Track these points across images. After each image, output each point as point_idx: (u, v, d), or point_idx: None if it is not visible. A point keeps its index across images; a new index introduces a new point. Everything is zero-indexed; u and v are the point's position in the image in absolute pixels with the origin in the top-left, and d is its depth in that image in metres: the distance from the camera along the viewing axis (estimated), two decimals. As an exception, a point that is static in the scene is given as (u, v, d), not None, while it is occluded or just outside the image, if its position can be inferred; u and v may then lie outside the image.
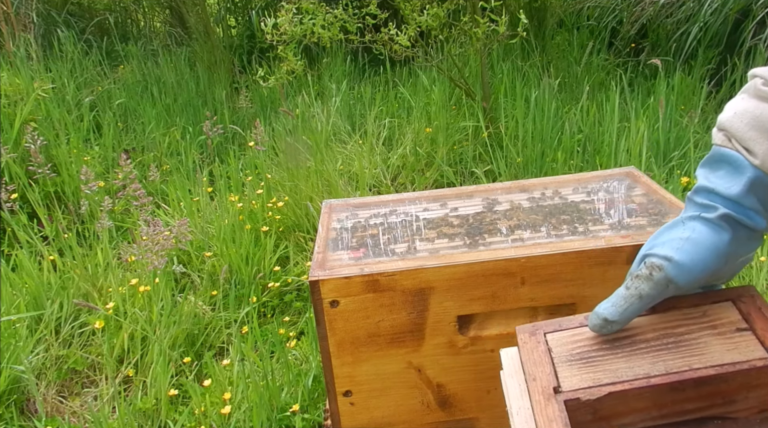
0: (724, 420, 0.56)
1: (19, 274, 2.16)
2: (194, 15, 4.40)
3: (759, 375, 0.53)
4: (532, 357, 0.59)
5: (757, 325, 0.56)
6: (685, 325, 0.58)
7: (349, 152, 2.96)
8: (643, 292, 0.58)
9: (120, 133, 3.36)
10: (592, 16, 4.14)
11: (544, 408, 0.54)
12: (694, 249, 0.58)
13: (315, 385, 1.71)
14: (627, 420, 0.56)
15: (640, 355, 0.57)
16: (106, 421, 1.63)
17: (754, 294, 0.60)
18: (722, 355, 0.55)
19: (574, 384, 0.56)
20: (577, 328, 0.62)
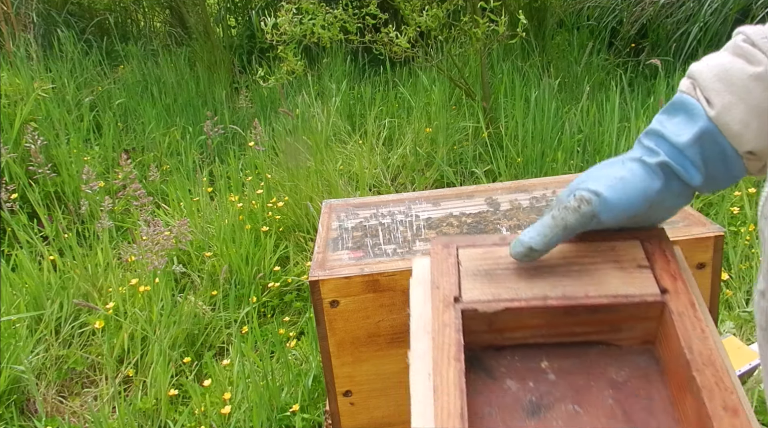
0: (608, 346, 0.59)
1: (19, 274, 2.16)
2: (194, 15, 4.41)
3: (648, 310, 0.56)
4: (440, 268, 0.61)
5: (657, 265, 0.59)
6: (591, 256, 0.60)
7: (349, 152, 2.96)
8: (568, 223, 0.58)
9: (120, 133, 3.36)
10: (592, 16, 4.14)
11: (441, 314, 0.56)
12: (624, 189, 0.58)
13: (315, 385, 1.71)
14: (518, 334, 0.58)
15: (542, 278, 0.59)
16: (106, 421, 1.63)
17: (661, 237, 0.62)
18: (618, 288, 0.57)
19: (474, 296, 0.58)
20: (489, 246, 0.63)
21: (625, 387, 0.56)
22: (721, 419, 0.46)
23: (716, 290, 0.87)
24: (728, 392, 0.48)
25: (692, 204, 2.37)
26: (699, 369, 0.50)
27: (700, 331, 0.53)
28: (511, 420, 0.54)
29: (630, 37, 3.86)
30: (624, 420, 0.53)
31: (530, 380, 0.57)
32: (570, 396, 0.55)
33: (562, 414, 0.54)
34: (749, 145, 0.58)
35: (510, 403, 0.55)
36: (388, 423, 0.94)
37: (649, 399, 0.54)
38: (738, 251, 2.08)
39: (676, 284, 0.57)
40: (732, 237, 2.18)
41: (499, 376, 0.58)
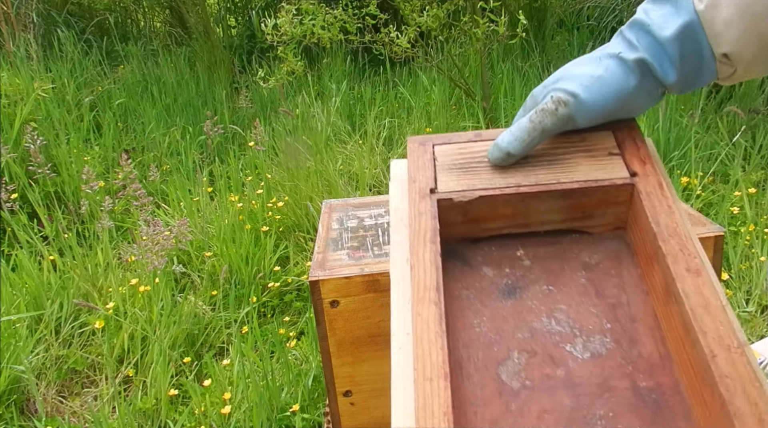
0: (581, 233, 0.61)
1: (19, 274, 2.16)
2: (194, 15, 4.40)
3: (618, 193, 0.58)
4: (416, 164, 0.62)
5: (627, 151, 0.61)
6: (563, 147, 0.62)
7: (349, 152, 2.96)
8: (546, 127, 0.58)
9: (120, 133, 3.36)
10: (592, 16, 4.14)
11: (418, 204, 0.58)
12: (600, 89, 0.58)
13: (315, 385, 1.71)
14: (494, 224, 0.60)
15: (515, 169, 0.60)
16: (106, 421, 1.63)
17: (632, 126, 0.63)
18: (589, 173, 0.59)
19: (450, 187, 0.60)
20: (465, 143, 0.65)
21: (597, 268, 0.58)
22: (684, 279, 0.49)
23: (716, 290, 0.87)
24: (691, 256, 0.51)
25: (692, 204, 2.36)
26: (665, 240, 0.52)
27: (666, 207, 0.55)
28: (487, 300, 0.56)
29: (630, 37, 3.86)
30: (596, 295, 0.56)
31: (506, 266, 0.59)
32: (544, 278, 0.57)
33: (536, 294, 0.56)
34: (727, 47, 0.56)
35: (486, 286, 0.57)
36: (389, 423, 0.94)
37: (620, 277, 0.57)
38: (738, 251, 2.08)
39: (645, 167, 0.59)
40: (732, 237, 2.18)
41: (475, 264, 0.59)
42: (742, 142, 2.67)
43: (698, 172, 2.46)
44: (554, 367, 0.51)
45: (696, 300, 0.48)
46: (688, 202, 2.31)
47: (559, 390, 0.50)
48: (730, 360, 0.45)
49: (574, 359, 0.51)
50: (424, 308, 0.50)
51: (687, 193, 2.40)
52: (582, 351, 0.52)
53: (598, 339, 0.53)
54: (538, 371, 0.51)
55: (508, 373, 0.51)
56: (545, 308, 0.55)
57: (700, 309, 0.48)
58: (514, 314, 0.55)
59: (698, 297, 0.49)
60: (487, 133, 0.65)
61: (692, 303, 0.48)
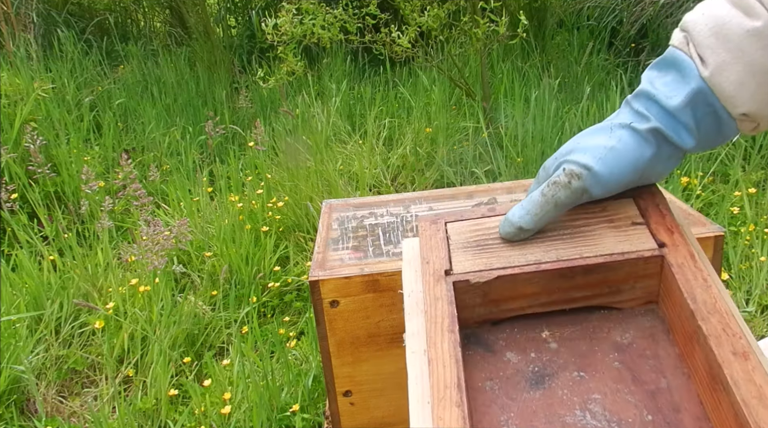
0: (610, 310, 0.57)
1: (19, 274, 2.16)
2: (194, 15, 4.40)
3: (646, 266, 0.54)
4: (429, 244, 0.59)
5: (652, 219, 0.57)
6: (583, 219, 0.58)
7: (349, 152, 2.96)
8: (559, 201, 0.56)
9: (120, 133, 3.36)
10: (592, 16, 4.14)
11: (433, 288, 0.55)
12: (615, 161, 0.55)
13: (315, 385, 1.71)
14: (516, 304, 0.56)
15: (534, 244, 0.57)
16: (106, 421, 1.63)
17: (654, 191, 0.59)
18: (613, 246, 0.55)
19: (465, 267, 0.56)
20: (478, 219, 0.62)
21: (631, 349, 0.53)
22: (731, 364, 0.45)
23: (716, 290, 0.87)
24: (737, 337, 0.46)
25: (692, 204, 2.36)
26: (704, 318, 0.48)
27: (702, 280, 0.51)
28: (514, 392, 0.51)
29: (630, 37, 3.86)
30: (632, 381, 0.51)
31: (531, 350, 0.55)
32: (574, 363, 0.53)
33: (567, 382, 0.51)
34: (743, 108, 0.54)
35: (512, 375, 0.53)
36: (388, 423, 0.94)
37: (657, 358, 0.52)
38: (738, 251, 2.08)
39: (673, 237, 0.55)
40: (732, 237, 2.18)
41: (498, 349, 0.55)
42: (742, 142, 2.67)
43: (698, 172, 2.46)
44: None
45: (747, 390, 0.43)
46: (688, 202, 2.31)
47: None
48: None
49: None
50: (445, 411, 0.46)
51: (687, 193, 2.40)
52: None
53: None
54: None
55: None
56: (578, 398, 0.50)
57: (754, 400, 0.43)
58: (544, 407, 0.50)
59: (750, 386, 0.43)
60: (501, 207, 0.62)
61: (743, 393, 0.43)
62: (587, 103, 2.98)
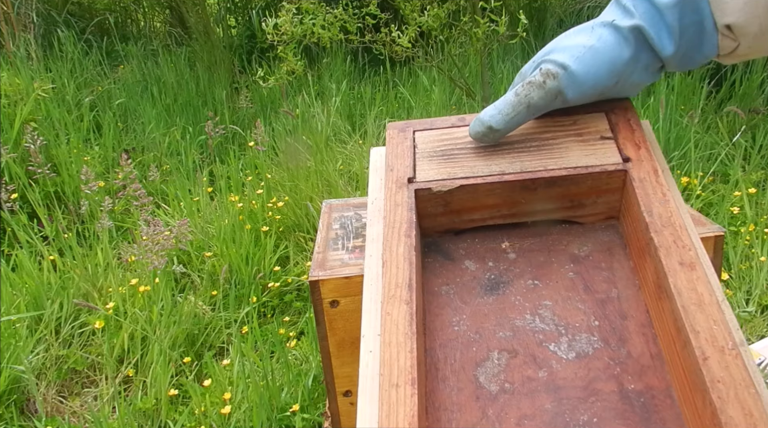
0: (571, 224, 0.57)
1: (19, 274, 2.16)
2: (194, 15, 4.40)
3: (609, 180, 0.54)
4: (395, 151, 0.59)
5: (621, 134, 0.56)
6: (552, 131, 0.58)
7: (349, 152, 2.96)
8: (532, 101, 0.54)
9: (120, 133, 3.36)
10: (592, 16, 4.13)
11: (394, 195, 0.55)
12: (592, 60, 0.53)
13: (315, 385, 1.71)
14: (477, 215, 0.57)
15: (500, 155, 0.56)
16: (106, 421, 1.63)
17: (627, 106, 0.59)
18: (579, 159, 0.55)
19: (429, 176, 0.56)
20: (447, 128, 0.61)
21: (587, 261, 0.54)
22: (676, 273, 0.46)
23: (716, 290, 0.87)
24: (686, 249, 0.47)
25: (692, 204, 2.35)
26: (657, 231, 0.49)
27: (661, 195, 0.51)
28: (468, 297, 0.53)
29: (630, 37, 3.85)
30: (584, 290, 0.52)
31: (490, 260, 0.55)
32: (530, 272, 0.54)
33: (521, 289, 0.53)
34: (731, 17, 0.52)
35: (468, 281, 0.54)
36: (388, 423, 0.94)
37: (611, 270, 0.53)
38: (738, 251, 2.08)
39: (640, 152, 0.55)
40: (732, 237, 2.18)
41: (457, 258, 0.56)
42: (742, 142, 2.67)
43: (698, 172, 2.46)
44: (536, 369, 0.48)
45: (689, 297, 0.45)
46: (688, 201, 2.31)
47: (541, 394, 0.46)
48: (724, 362, 0.41)
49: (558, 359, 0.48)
50: (394, 307, 0.47)
51: (687, 192, 2.40)
52: (567, 351, 0.48)
53: (585, 338, 0.49)
54: (519, 373, 0.48)
55: (487, 376, 0.48)
56: (529, 304, 0.52)
57: (693, 306, 0.44)
58: (496, 311, 0.51)
59: (691, 294, 0.45)
60: (470, 116, 0.60)
61: (684, 300, 0.45)
62: (587, 103, 2.98)
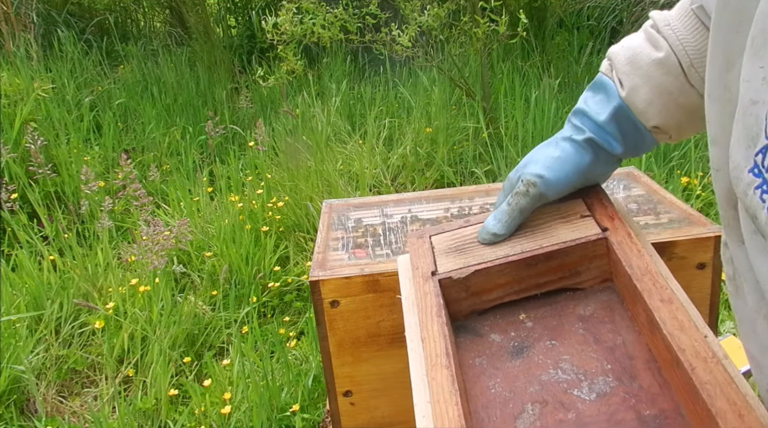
0: (574, 291, 0.68)
1: (19, 274, 2.16)
2: (194, 15, 4.40)
3: (595, 248, 0.66)
4: (417, 253, 0.71)
5: (597, 211, 0.69)
6: (541, 218, 0.70)
7: (349, 152, 2.96)
8: (522, 207, 0.68)
9: (120, 133, 3.36)
10: (592, 16, 4.14)
11: (422, 287, 0.66)
12: (560, 167, 0.68)
13: (315, 385, 1.71)
14: (494, 294, 0.67)
15: (502, 243, 0.69)
16: (106, 421, 1.63)
17: (598, 190, 0.72)
18: (566, 235, 0.67)
19: (448, 267, 0.67)
20: (456, 229, 0.74)
21: (592, 318, 0.64)
22: (659, 309, 0.56)
23: (716, 290, 0.87)
24: (663, 289, 0.57)
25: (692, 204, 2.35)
26: (639, 279, 0.59)
27: (636, 252, 0.62)
28: (498, 363, 0.62)
29: (630, 37, 3.85)
30: (594, 342, 0.61)
31: (511, 330, 0.65)
32: (546, 335, 0.63)
33: (542, 350, 0.62)
34: (654, 122, 0.67)
35: (496, 351, 0.63)
36: (389, 423, 0.94)
37: (613, 323, 0.63)
38: (738, 251, 2.08)
39: (614, 222, 0.66)
40: (732, 237, 2.18)
41: (484, 333, 0.65)
42: (742, 142, 2.67)
43: (698, 172, 2.46)
44: (565, 412, 0.55)
45: (672, 324, 0.54)
46: (688, 201, 2.31)
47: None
48: (708, 369, 0.50)
49: (582, 401, 0.56)
50: (437, 373, 0.55)
51: (687, 193, 2.40)
52: (588, 393, 0.57)
53: (602, 380, 0.58)
54: (552, 418, 0.55)
55: (525, 425, 0.55)
56: (551, 361, 0.60)
57: (677, 331, 0.54)
58: (523, 371, 0.60)
59: (673, 322, 0.54)
60: (474, 218, 0.74)
61: (669, 327, 0.54)
62: (587, 103, 2.98)
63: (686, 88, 0.65)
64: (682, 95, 0.65)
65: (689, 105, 0.65)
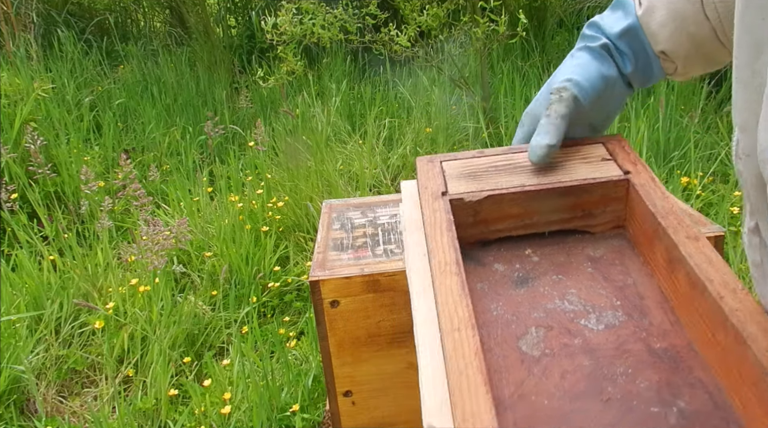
0: (584, 233, 0.66)
1: (19, 274, 2.16)
2: (194, 15, 4.40)
3: (615, 189, 0.64)
4: (427, 175, 0.67)
5: (619, 156, 0.67)
6: (561, 157, 0.68)
7: (349, 152, 2.96)
8: (562, 113, 0.66)
9: (120, 133, 3.36)
10: (591, 16, 4.12)
11: (431, 204, 0.63)
12: (583, 70, 0.67)
13: (315, 385, 1.71)
14: (502, 225, 0.65)
15: (519, 173, 0.66)
16: (106, 421, 1.63)
17: (620, 139, 0.70)
18: (586, 173, 0.65)
19: (459, 190, 0.64)
20: (470, 158, 0.71)
21: (602, 260, 0.63)
22: (685, 244, 0.54)
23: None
24: (689, 228, 0.55)
25: (692, 204, 2.35)
26: (663, 216, 0.57)
27: (660, 193, 0.61)
28: (501, 290, 0.60)
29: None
30: (603, 279, 0.60)
31: (516, 262, 0.63)
32: (553, 270, 0.62)
33: (547, 282, 0.60)
34: (662, 46, 0.67)
35: (499, 279, 0.61)
36: (389, 423, 0.94)
37: (624, 265, 0.61)
38: (738, 251, 2.08)
39: (637, 167, 0.65)
40: (732, 237, 2.18)
41: (487, 263, 0.64)
42: (742, 142, 2.67)
43: (698, 172, 2.46)
44: (571, 337, 0.54)
45: (699, 258, 0.52)
46: (688, 201, 2.31)
47: (578, 355, 0.52)
48: (737, 299, 0.48)
49: (590, 330, 0.54)
50: (446, 278, 0.53)
51: (687, 192, 2.40)
52: (596, 324, 0.55)
53: (611, 314, 0.56)
54: (557, 341, 0.53)
55: (528, 345, 0.54)
56: (557, 292, 0.58)
57: (704, 264, 0.51)
58: (528, 299, 0.58)
59: (701, 256, 0.52)
60: (489, 151, 0.71)
61: (696, 260, 0.52)
62: (587, 103, 2.98)
63: (700, 17, 0.64)
64: (694, 24, 0.65)
65: (699, 36, 0.65)
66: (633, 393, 0.48)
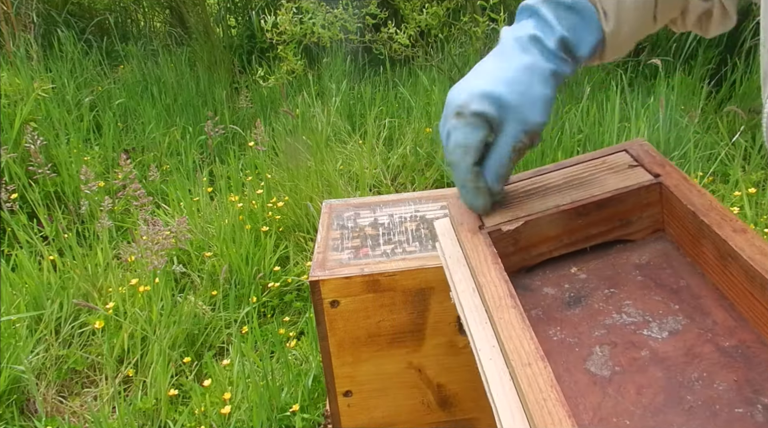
0: (625, 243, 0.66)
1: (19, 274, 2.16)
2: (194, 15, 4.40)
3: (648, 194, 0.63)
4: (459, 211, 0.67)
5: (645, 161, 0.66)
6: (588, 171, 0.68)
7: (349, 152, 2.96)
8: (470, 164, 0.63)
9: (120, 133, 3.36)
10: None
11: (471, 240, 0.62)
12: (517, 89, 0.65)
13: (315, 385, 1.71)
14: (544, 248, 0.65)
15: (551, 195, 0.66)
16: (106, 421, 1.63)
17: (642, 143, 0.70)
18: (617, 183, 0.65)
19: (495, 221, 0.64)
20: None
21: (649, 266, 0.62)
22: (733, 238, 0.53)
23: (717, 290, 0.87)
24: (733, 221, 0.54)
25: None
26: (705, 214, 0.56)
27: (696, 191, 0.60)
28: (556, 313, 0.59)
29: (630, 36, 3.85)
30: (656, 286, 0.59)
31: (565, 283, 0.62)
32: (603, 284, 0.61)
33: (601, 298, 0.59)
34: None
35: (551, 302, 0.60)
36: (389, 423, 0.94)
37: (672, 268, 0.60)
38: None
39: (665, 169, 0.64)
40: (732, 237, 2.18)
41: (536, 288, 0.63)
42: (742, 142, 2.67)
43: (698, 172, 2.46)
44: (638, 350, 0.53)
45: (751, 251, 0.51)
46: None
47: (649, 368, 0.51)
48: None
49: (654, 339, 0.54)
50: (504, 313, 0.52)
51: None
52: (659, 332, 0.54)
53: (671, 319, 0.55)
54: (624, 357, 0.52)
55: (596, 365, 0.53)
56: (612, 306, 0.58)
57: (758, 256, 0.50)
58: (585, 318, 0.57)
59: (752, 248, 0.51)
60: (514, 177, 0.70)
61: (748, 253, 0.51)
62: (587, 103, 2.98)
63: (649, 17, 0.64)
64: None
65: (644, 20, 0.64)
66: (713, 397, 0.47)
